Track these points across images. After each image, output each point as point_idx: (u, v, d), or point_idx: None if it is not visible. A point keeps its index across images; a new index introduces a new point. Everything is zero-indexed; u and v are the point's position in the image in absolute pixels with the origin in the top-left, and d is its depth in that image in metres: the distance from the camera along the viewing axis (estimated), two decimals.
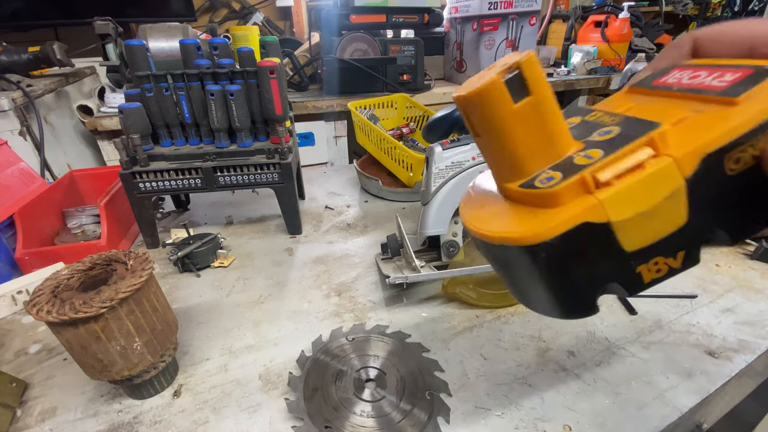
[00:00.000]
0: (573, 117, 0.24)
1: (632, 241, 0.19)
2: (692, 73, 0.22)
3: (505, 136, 0.19)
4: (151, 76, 0.60)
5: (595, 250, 0.19)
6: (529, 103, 0.18)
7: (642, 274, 0.20)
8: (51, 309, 0.32)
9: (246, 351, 0.46)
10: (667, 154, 0.18)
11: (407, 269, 0.51)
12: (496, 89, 0.18)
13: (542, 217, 0.19)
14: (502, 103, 0.18)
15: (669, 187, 0.18)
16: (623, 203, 0.18)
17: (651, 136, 0.18)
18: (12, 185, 0.67)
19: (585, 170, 0.18)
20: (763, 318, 0.48)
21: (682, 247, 0.20)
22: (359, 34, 1.48)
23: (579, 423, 0.36)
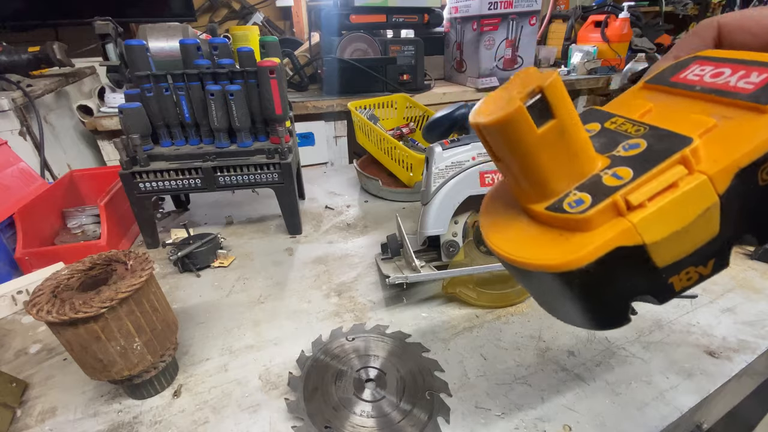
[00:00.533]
0: (592, 123, 0.23)
1: (665, 258, 0.18)
2: (714, 69, 0.21)
3: (529, 161, 0.19)
4: (151, 76, 0.60)
5: (629, 270, 0.18)
6: (554, 126, 0.18)
7: (674, 284, 0.20)
8: (51, 309, 0.32)
9: (246, 351, 0.46)
10: (701, 171, 0.17)
11: (407, 269, 0.51)
12: (519, 115, 0.17)
13: (575, 242, 0.18)
14: (525, 129, 0.17)
15: (703, 205, 0.17)
16: (657, 224, 0.17)
17: (683, 153, 0.17)
18: (12, 185, 0.67)
19: (617, 193, 0.17)
20: (763, 318, 0.48)
21: (713, 255, 0.19)
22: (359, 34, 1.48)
23: (579, 423, 0.36)
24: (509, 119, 0.17)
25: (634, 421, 0.37)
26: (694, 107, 0.20)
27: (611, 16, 1.91)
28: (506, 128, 0.17)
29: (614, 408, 0.38)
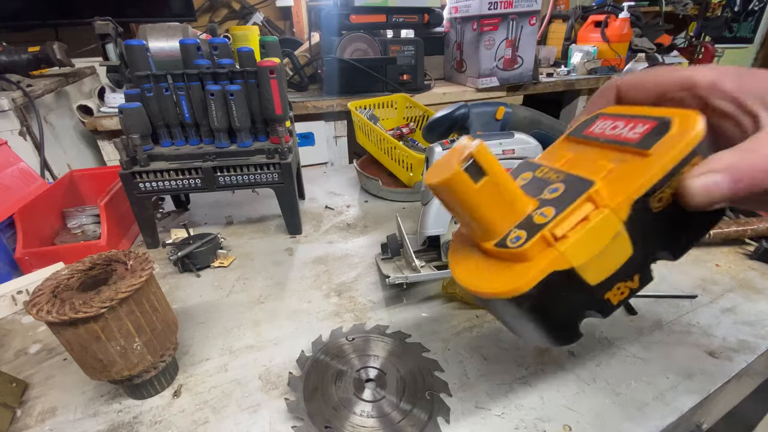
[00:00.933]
0: (525, 173, 0.29)
1: (594, 277, 0.23)
2: (612, 123, 0.27)
3: (474, 209, 0.24)
4: (151, 76, 0.60)
5: (567, 290, 0.23)
6: (487, 181, 0.23)
7: (610, 299, 0.24)
8: (51, 309, 0.32)
9: (246, 351, 0.46)
10: (605, 205, 0.22)
11: (407, 269, 0.51)
12: (458, 176, 0.23)
13: (518, 271, 0.23)
14: (466, 186, 0.23)
15: (612, 231, 0.22)
16: (580, 250, 0.22)
17: (589, 193, 0.23)
18: (12, 185, 0.67)
19: (544, 229, 0.23)
20: (763, 318, 0.48)
21: (635, 271, 0.24)
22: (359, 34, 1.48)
23: (579, 423, 0.36)
24: (453, 179, 0.23)
25: (634, 421, 0.37)
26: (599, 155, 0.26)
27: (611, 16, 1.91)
28: (451, 186, 0.23)
29: (614, 408, 0.38)
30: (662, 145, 0.23)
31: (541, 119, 0.57)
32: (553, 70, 1.91)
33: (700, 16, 2.52)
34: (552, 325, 0.25)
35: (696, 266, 0.58)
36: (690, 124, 0.23)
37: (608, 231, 0.22)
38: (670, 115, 0.24)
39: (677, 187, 0.22)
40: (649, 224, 0.23)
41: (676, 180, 0.22)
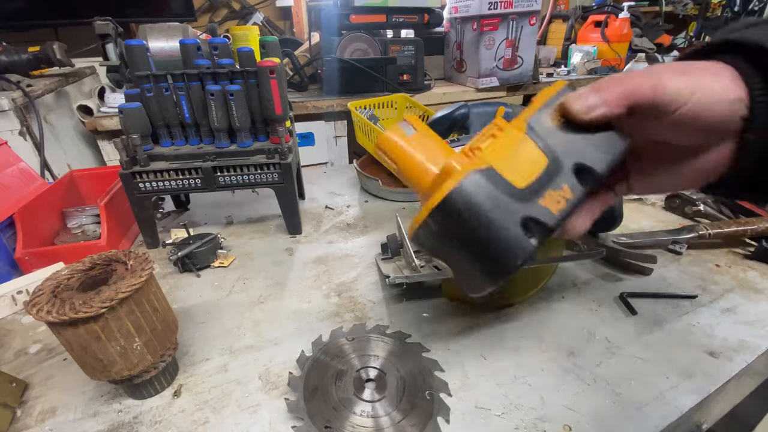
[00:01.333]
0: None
1: (518, 179, 0.25)
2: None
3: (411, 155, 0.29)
4: (151, 76, 0.60)
5: (496, 190, 0.25)
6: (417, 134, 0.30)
7: (548, 207, 0.25)
8: (51, 309, 0.32)
9: (246, 351, 0.46)
10: (506, 126, 0.27)
11: (407, 269, 0.51)
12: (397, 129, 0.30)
13: (452, 176, 0.25)
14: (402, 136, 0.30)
15: (516, 139, 0.26)
16: (493, 153, 0.26)
17: (494, 122, 0.28)
18: (12, 185, 0.67)
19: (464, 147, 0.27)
20: (763, 318, 0.48)
21: (562, 181, 0.26)
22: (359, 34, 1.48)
23: (579, 423, 0.36)
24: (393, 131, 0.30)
25: (634, 421, 0.37)
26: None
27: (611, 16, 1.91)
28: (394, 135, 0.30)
29: (614, 408, 0.38)
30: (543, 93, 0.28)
31: None
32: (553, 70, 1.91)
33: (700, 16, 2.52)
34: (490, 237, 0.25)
35: (696, 266, 0.58)
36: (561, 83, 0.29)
37: (513, 139, 0.26)
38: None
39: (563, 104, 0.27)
40: (553, 136, 0.27)
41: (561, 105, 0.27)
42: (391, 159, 0.30)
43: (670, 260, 0.60)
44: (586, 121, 0.26)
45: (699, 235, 0.61)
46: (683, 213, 0.71)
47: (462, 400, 0.39)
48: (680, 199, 0.72)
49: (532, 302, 0.52)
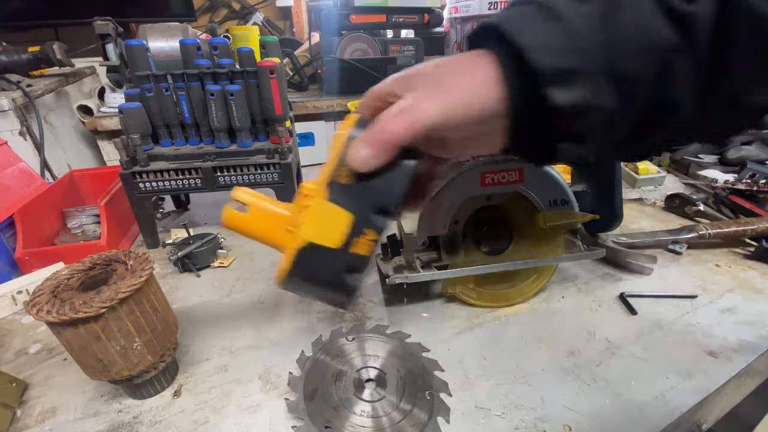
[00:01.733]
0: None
1: (332, 242, 0.30)
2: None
3: (253, 234, 0.34)
4: (151, 76, 0.60)
5: (318, 256, 0.30)
6: (251, 214, 0.34)
7: (360, 252, 0.31)
8: (51, 309, 0.32)
9: (246, 351, 0.46)
10: (312, 195, 0.31)
11: (407, 269, 0.51)
12: (229, 212, 0.34)
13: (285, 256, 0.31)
14: (240, 219, 0.34)
15: (322, 208, 0.30)
16: (308, 229, 0.30)
17: (301, 191, 0.32)
18: (12, 185, 0.67)
19: (286, 224, 0.33)
20: (763, 318, 0.48)
21: (366, 227, 0.30)
22: (359, 34, 1.48)
23: (579, 423, 0.36)
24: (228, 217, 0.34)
25: (634, 421, 0.37)
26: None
27: None
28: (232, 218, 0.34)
29: (614, 408, 0.38)
30: (336, 141, 0.31)
31: None
32: None
33: None
34: (331, 284, 0.32)
35: (696, 266, 0.58)
36: (346, 124, 0.31)
37: (321, 209, 0.30)
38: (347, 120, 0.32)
39: (348, 163, 0.29)
40: (349, 193, 0.30)
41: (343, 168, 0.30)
42: (243, 234, 0.35)
43: (670, 260, 0.60)
44: (368, 172, 0.29)
45: (699, 235, 0.61)
46: (683, 213, 0.71)
47: (462, 400, 0.39)
48: (680, 199, 0.72)
49: (532, 302, 0.52)
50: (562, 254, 0.50)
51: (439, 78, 0.28)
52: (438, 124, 0.27)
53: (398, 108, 0.28)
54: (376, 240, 0.31)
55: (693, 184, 0.81)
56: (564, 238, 0.50)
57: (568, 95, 0.25)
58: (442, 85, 0.27)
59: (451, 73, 0.28)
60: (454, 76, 0.27)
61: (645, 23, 0.24)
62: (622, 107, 0.25)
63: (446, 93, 0.27)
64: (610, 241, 0.59)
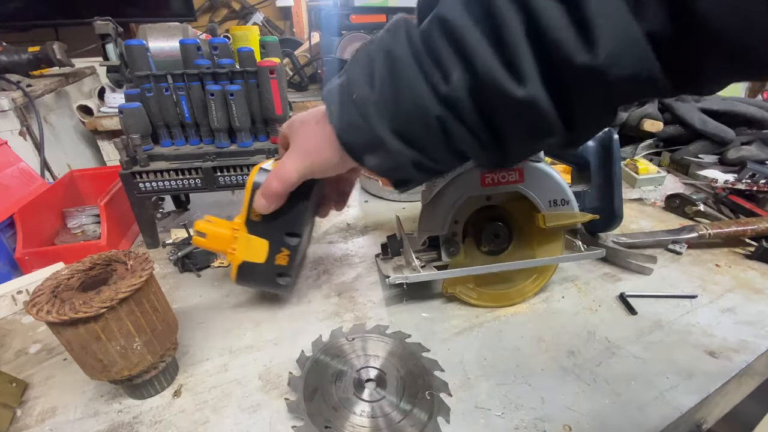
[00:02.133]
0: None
1: (259, 258, 0.45)
2: None
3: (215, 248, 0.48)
4: (151, 76, 0.59)
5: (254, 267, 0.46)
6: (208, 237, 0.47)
7: (281, 263, 0.46)
8: (51, 309, 0.32)
9: (246, 351, 0.46)
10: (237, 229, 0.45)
11: (407, 269, 0.51)
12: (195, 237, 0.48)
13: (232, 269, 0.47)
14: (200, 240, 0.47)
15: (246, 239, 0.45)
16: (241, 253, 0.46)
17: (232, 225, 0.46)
18: (12, 185, 0.67)
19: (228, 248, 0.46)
20: (763, 318, 0.48)
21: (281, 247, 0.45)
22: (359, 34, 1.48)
23: (579, 423, 0.37)
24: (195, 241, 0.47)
25: (634, 421, 0.37)
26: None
27: None
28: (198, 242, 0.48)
29: (614, 408, 0.38)
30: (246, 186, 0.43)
31: None
32: None
33: None
34: (268, 283, 0.48)
35: (696, 266, 0.58)
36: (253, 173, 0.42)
37: (244, 240, 0.45)
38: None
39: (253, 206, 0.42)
40: (262, 227, 0.44)
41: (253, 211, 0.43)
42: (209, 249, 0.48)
43: (670, 260, 0.60)
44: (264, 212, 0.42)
45: (699, 235, 0.61)
46: (683, 213, 0.71)
47: (462, 400, 0.39)
48: (680, 199, 0.72)
49: (532, 302, 0.52)
50: (562, 254, 0.50)
51: (304, 140, 0.39)
52: (304, 176, 0.39)
53: (274, 171, 0.40)
54: (290, 254, 0.45)
55: (693, 184, 0.81)
56: (564, 238, 0.50)
57: (374, 160, 0.34)
58: (304, 148, 0.38)
59: (311, 136, 0.38)
60: (312, 139, 0.38)
61: (419, 102, 0.30)
62: (425, 159, 0.33)
63: (307, 154, 0.38)
64: (610, 241, 0.59)
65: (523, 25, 0.26)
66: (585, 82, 0.26)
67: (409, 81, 0.30)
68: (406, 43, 0.30)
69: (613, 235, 0.60)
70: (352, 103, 0.33)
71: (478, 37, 0.27)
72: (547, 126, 0.29)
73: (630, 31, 0.24)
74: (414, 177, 0.36)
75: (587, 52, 0.25)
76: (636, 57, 0.24)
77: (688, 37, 0.24)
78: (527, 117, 0.28)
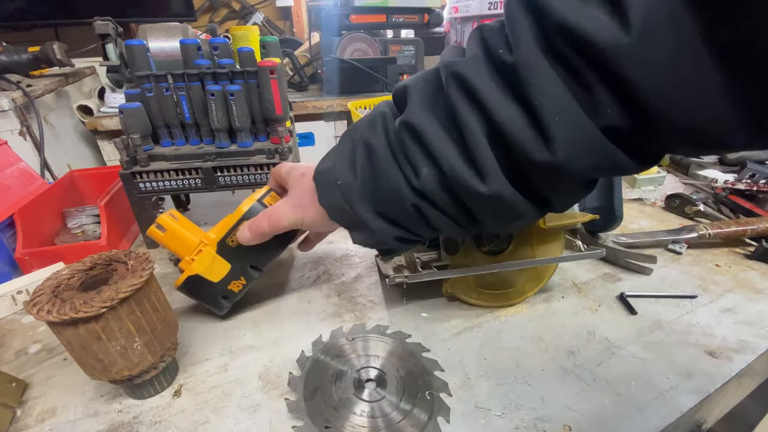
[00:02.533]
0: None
1: (214, 278, 0.46)
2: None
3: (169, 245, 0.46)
4: (152, 76, 0.59)
5: (204, 283, 0.46)
6: (167, 232, 0.45)
7: (232, 289, 0.48)
8: (51, 309, 0.32)
9: (246, 351, 0.46)
10: (206, 245, 0.45)
11: (407, 269, 0.51)
12: (152, 228, 0.45)
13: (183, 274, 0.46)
14: (158, 234, 0.45)
15: (210, 257, 0.45)
16: (198, 265, 0.45)
17: (201, 239, 0.46)
18: (12, 185, 0.67)
19: (187, 256, 0.45)
20: (763, 318, 0.48)
21: (240, 275, 0.47)
22: (359, 34, 1.48)
23: (579, 423, 0.37)
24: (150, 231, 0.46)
25: (634, 421, 0.37)
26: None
27: None
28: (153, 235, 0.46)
29: (614, 408, 0.38)
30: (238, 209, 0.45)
31: None
32: None
33: None
34: (209, 300, 0.48)
35: (696, 266, 0.58)
36: (245, 203, 0.45)
37: (209, 256, 0.45)
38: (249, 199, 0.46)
39: (236, 236, 0.45)
40: (233, 253, 0.46)
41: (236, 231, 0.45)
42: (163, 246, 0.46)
43: (670, 260, 0.60)
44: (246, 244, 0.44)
45: (699, 235, 0.61)
46: (683, 213, 0.71)
47: (462, 400, 0.39)
48: (680, 199, 0.72)
49: (532, 302, 0.52)
50: (562, 254, 0.50)
51: (300, 193, 0.42)
52: (293, 226, 0.43)
53: (268, 211, 0.43)
54: (245, 284, 0.48)
55: (693, 184, 0.81)
56: (564, 238, 0.50)
57: (359, 236, 0.40)
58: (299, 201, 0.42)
59: (307, 194, 0.41)
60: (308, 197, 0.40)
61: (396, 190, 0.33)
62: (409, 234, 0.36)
63: (300, 207, 0.42)
64: (610, 241, 0.59)
65: (483, 127, 0.28)
66: (548, 174, 0.28)
67: (386, 172, 0.33)
68: (383, 137, 0.34)
69: (613, 235, 0.60)
70: (336, 187, 0.36)
71: (443, 138, 0.30)
72: (517, 212, 0.31)
73: (584, 128, 0.24)
74: (398, 248, 0.41)
75: (546, 150, 0.26)
76: (594, 151, 0.25)
77: (647, 127, 0.24)
78: (496, 207, 0.30)
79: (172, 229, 0.45)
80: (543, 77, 0.24)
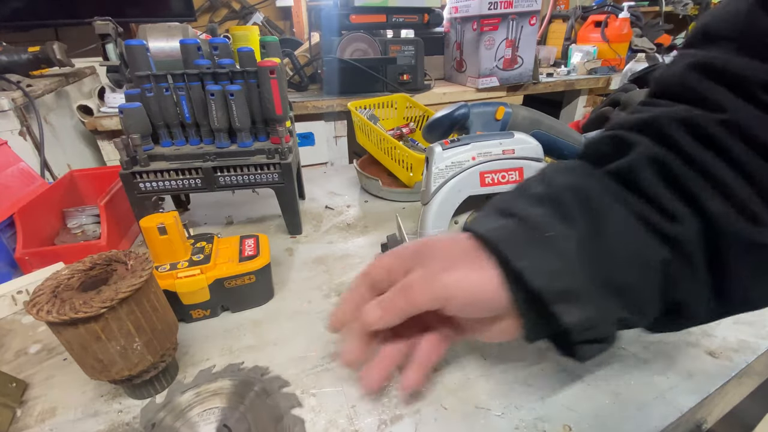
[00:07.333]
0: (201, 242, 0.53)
1: (186, 300, 0.47)
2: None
3: (157, 246, 0.46)
4: (152, 76, 0.60)
5: (170, 297, 0.44)
6: (166, 237, 0.45)
7: (192, 314, 0.48)
8: (51, 309, 0.32)
9: (246, 351, 0.46)
10: (203, 274, 0.46)
11: None
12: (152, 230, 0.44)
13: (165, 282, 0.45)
14: (156, 235, 0.45)
15: (199, 285, 0.46)
16: (181, 285, 0.45)
17: (200, 267, 0.46)
18: (12, 185, 0.67)
19: (177, 270, 0.46)
20: (763, 318, 0.48)
21: (208, 308, 0.49)
22: (359, 34, 1.48)
23: (579, 423, 0.37)
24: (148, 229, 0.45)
25: (634, 421, 0.37)
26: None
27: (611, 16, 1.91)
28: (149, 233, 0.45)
29: (614, 408, 0.38)
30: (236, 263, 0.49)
31: (541, 119, 0.57)
32: (553, 70, 1.91)
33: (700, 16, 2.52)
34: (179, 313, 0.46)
35: None
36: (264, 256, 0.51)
37: (198, 284, 0.46)
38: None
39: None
40: (223, 292, 0.48)
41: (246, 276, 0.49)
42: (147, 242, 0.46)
43: None
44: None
45: None
46: None
47: (462, 400, 0.39)
48: None
49: None
50: None
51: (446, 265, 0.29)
52: (432, 307, 0.29)
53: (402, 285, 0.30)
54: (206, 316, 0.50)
55: None
56: None
57: (574, 315, 0.26)
58: (454, 267, 0.29)
59: (459, 265, 0.29)
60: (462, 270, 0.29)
61: (634, 243, 0.25)
62: (630, 313, 0.27)
63: (457, 270, 0.29)
64: None
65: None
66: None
67: (615, 221, 0.26)
68: (595, 181, 0.28)
69: None
70: (545, 242, 0.26)
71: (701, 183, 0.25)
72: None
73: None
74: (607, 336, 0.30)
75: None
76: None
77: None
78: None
79: (174, 237, 0.46)
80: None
